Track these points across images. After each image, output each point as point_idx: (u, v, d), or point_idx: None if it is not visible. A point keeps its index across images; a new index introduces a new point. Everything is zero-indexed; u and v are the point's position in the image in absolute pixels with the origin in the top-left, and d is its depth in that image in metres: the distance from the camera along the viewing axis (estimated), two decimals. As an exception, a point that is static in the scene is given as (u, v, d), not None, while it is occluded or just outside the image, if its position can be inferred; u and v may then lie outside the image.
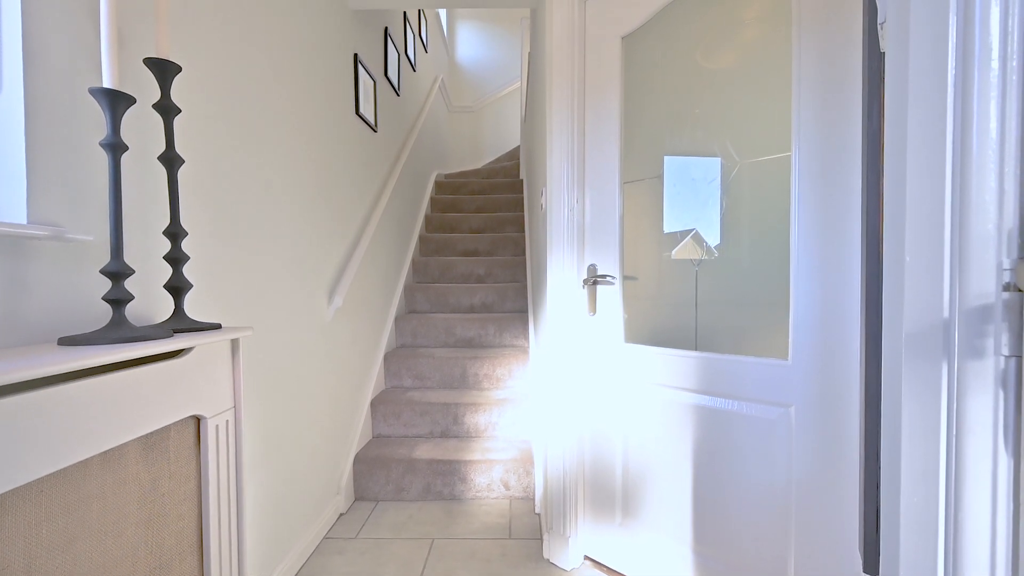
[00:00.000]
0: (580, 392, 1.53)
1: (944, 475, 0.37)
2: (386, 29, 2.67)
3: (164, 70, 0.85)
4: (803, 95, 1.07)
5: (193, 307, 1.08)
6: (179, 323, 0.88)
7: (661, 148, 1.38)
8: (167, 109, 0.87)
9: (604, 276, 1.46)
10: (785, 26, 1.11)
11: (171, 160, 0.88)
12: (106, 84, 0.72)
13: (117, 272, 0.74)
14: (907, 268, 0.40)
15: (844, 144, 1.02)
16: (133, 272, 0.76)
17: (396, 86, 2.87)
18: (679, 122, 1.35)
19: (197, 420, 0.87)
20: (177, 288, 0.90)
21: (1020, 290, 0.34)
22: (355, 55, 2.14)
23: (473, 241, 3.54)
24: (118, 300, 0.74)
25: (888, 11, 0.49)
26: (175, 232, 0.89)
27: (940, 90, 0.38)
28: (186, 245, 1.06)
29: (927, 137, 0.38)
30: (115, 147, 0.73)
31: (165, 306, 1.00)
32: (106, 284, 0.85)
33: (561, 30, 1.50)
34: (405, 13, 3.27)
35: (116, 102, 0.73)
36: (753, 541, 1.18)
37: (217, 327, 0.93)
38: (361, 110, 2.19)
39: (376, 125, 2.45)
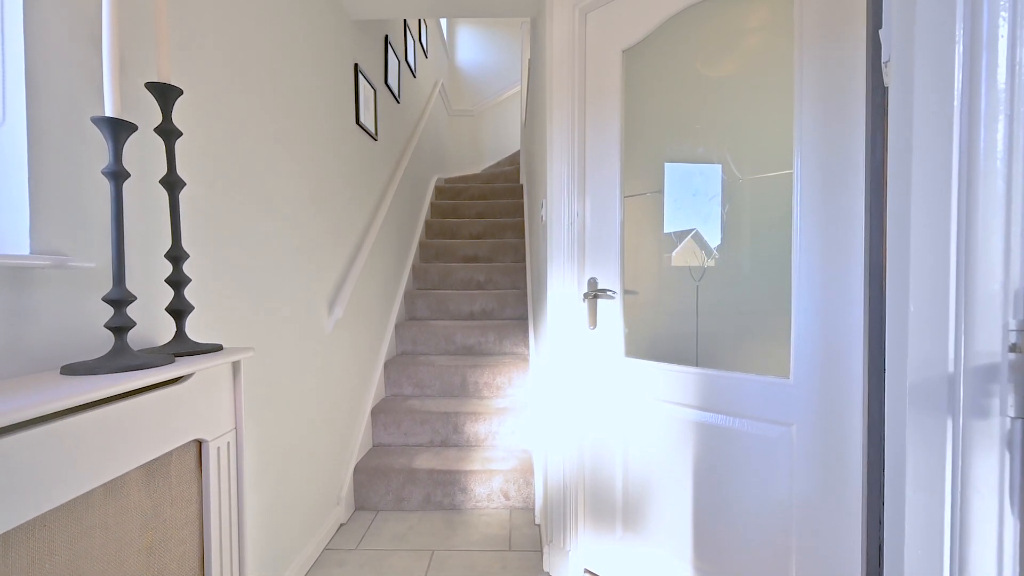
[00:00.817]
0: (580, 405, 1.53)
1: (949, 534, 0.37)
2: (386, 37, 2.67)
3: (166, 94, 0.85)
4: (804, 117, 1.07)
5: (193, 324, 1.08)
6: (180, 346, 0.88)
7: (662, 162, 1.39)
8: (169, 133, 0.87)
9: (604, 290, 1.46)
10: (788, 43, 1.11)
11: (172, 184, 0.88)
12: (108, 113, 0.72)
13: (119, 300, 0.74)
14: (911, 317, 0.40)
15: (847, 166, 1.02)
16: (135, 299, 0.76)
17: (396, 93, 2.87)
18: (680, 136, 1.35)
19: (198, 443, 0.87)
20: (179, 311, 0.90)
21: (1025, 352, 0.35)
22: (355, 65, 2.14)
23: (473, 247, 3.54)
24: (120, 328, 0.74)
25: (892, 53, 0.49)
26: (177, 255, 0.89)
27: (945, 147, 0.38)
28: (186, 264, 1.06)
29: (931, 192, 0.38)
30: (117, 175, 0.73)
31: (166, 326, 1.00)
32: (108, 309, 0.85)
33: (561, 43, 1.50)
34: (405, 20, 3.27)
35: (118, 131, 0.73)
36: (754, 560, 1.18)
37: (218, 348, 0.93)
38: (361, 119, 2.19)
39: (376, 134, 2.45)
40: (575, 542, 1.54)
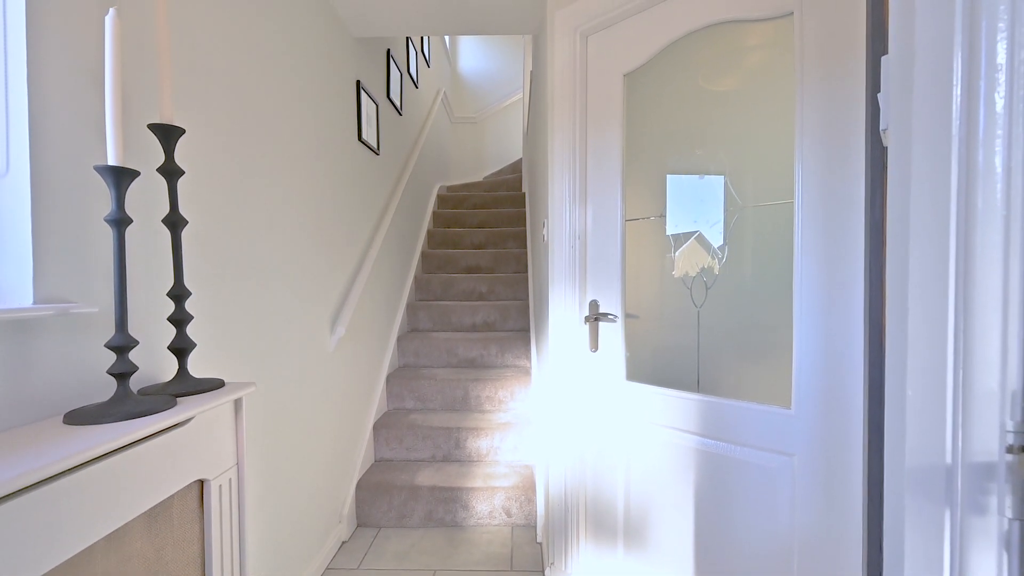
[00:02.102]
0: (581, 428, 1.53)
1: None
2: (388, 51, 2.68)
3: (168, 135, 0.86)
4: (806, 158, 1.07)
5: (194, 355, 1.08)
6: (182, 385, 0.88)
7: (664, 187, 1.39)
8: (171, 172, 0.87)
9: (606, 314, 1.46)
10: (790, 68, 1.11)
11: (175, 223, 0.89)
12: (111, 161, 0.72)
13: (122, 346, 0.74)
14: (908, 401, 0.40)
15: (847, 219, 1.02)
16: (137, 343, 0.76)
17: (399, 106, 2.88)
18: (682, 160, 1.35)
19: (200, 482, 0.87)
20: (181, 349, 0.90)
21: (1024, 453, 0.34)
22: (357, 82, 2.15)
23: (475, 257, 3.54)
24: (123, 373, 0.75)
25: (891, 124, 0.49)
26: (179, 294, 0.90)
27: (942, 238, 0.37)
28: (188, 298, 1.06)
29: (928, 287, 0.38)
30: (120, 222, 0.73)
31: (168, 361, 1.00)
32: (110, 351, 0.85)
33: (563, 67, 1.50)
34: (407, 31, 3.27)
35: (121, 178, 0.73)
36: (755, 589, 1.18)
37: (220, 384, 0.93)
38: (364, 136, 2.19)
39: (379, 148, 2.45)
40: (576, 563, 1.54)
